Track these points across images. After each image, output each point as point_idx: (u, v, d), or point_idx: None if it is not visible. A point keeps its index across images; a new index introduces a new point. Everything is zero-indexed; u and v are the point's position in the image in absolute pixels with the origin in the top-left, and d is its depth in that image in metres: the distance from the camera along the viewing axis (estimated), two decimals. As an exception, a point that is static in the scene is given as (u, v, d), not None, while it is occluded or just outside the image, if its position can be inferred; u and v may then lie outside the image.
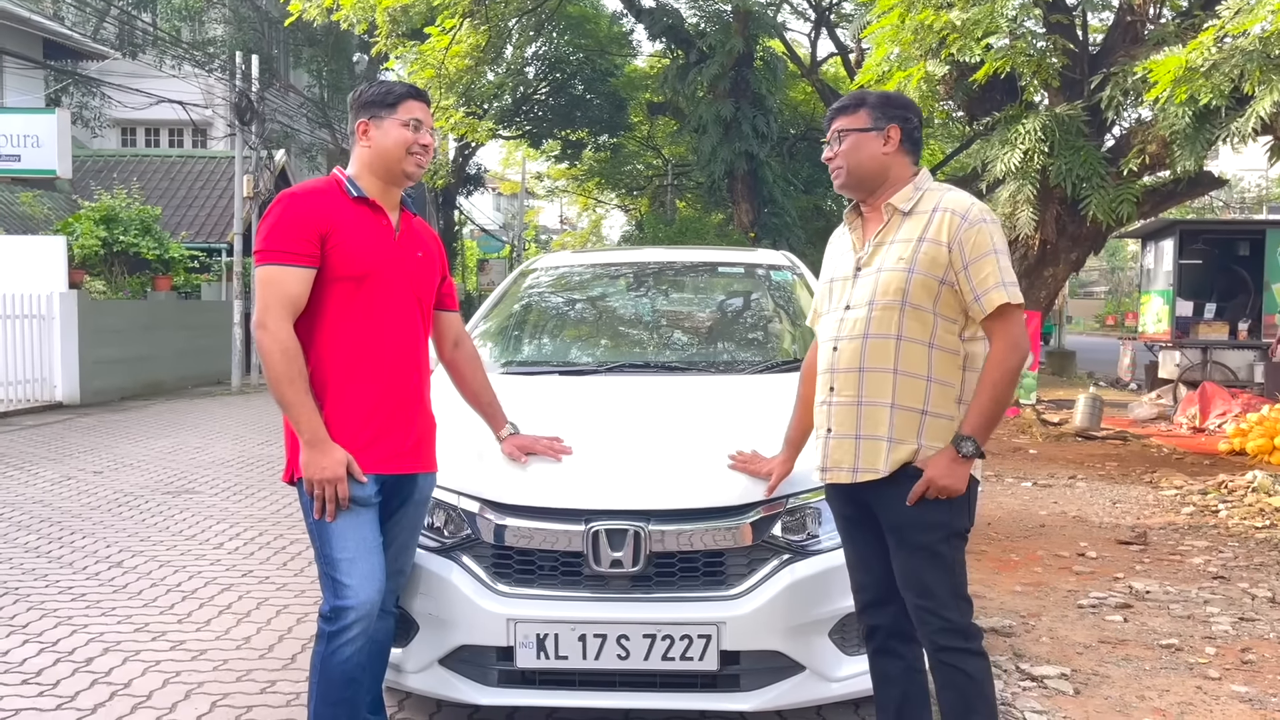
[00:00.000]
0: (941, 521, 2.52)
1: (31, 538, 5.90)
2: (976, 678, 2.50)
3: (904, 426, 2.54)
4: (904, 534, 2.55)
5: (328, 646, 2.58)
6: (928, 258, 2.52)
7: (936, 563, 2.53)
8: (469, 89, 17.17)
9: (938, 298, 2.53)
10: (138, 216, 15.04)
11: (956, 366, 2.56)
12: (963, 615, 2.53)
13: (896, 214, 2.61)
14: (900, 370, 2.54)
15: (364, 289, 2.65)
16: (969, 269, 2.50)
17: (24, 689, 3.67)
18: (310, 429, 2.55)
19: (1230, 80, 6.25)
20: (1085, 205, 8.60)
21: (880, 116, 2.61)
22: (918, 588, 2.54)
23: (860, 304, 2.61)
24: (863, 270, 2.64)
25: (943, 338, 2.54)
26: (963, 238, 2.50)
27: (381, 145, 2.69)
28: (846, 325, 2.63)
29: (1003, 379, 2.49)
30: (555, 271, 4.99)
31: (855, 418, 2.58)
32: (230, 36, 23.07)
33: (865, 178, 2.64)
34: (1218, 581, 5.12)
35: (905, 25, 7.44)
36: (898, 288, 2.54)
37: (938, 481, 2.48)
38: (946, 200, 2.57)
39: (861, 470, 2.58)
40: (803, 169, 25.52)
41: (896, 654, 2.71)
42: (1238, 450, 9.31)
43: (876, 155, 2.61)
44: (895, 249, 2.58)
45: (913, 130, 2.63)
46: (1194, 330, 13.75)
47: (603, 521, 2.85)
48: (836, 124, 2.66)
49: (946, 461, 2.49)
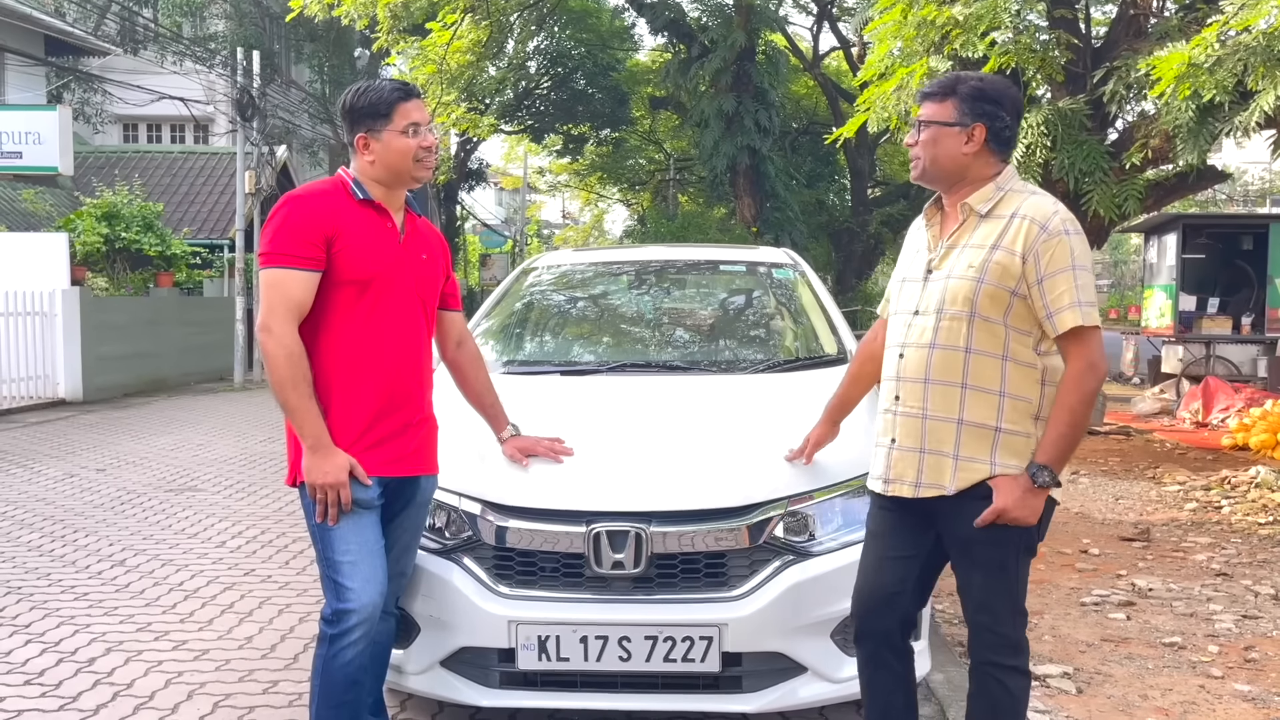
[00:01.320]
0: (1013, 539, 2.42)
1: (34, 536, 5.90)
2: (1015, 695, 2.45)
3: (973, 444, 2.41)
4: (972, 549, 2.45)
5: (330, 649, 2.58)
6: (999, 267, 2.37)
7: (1002, 579, 2.44)
8: (471, 84, 17.13)
9: (1009, 309, 2.38)
10: (140, 213, 15.04)
11: (1034, 381, 2.42)
12: (1018, 630, 2.46)
13: (973, 215, 2.46)
14: (970, 385, 2.41)
15: (369, 293, 2.64)
16: (1043, 284, 2.35)
17: (27, 690, 3.67)
18: (313, 434, 2.54)
19: (1234, 76, 6.23)
20: (1088, 200, 8.56)
21: (967, 112, 2.42)
22: (979, 602, 2.46)
23: (929, 310, 2.47)
24: (933, 273, 2.49)
25: (1016, 351, 2.40)
26: (1040, 249, 2.35)
27: (385, 159, 2.64)
28: (914, 332, 2.50)
29: (1079, 403, 2.36)
30: (557, 270, 4.98)
31: (920, 431, 2.46)
32: (231, 32, 23.07)
33: (942, 175, 2.48)
34: (1221, 578, 5.11)
35: (908, 21, 7.41)
36: (966, 297, 2.40)
37: (1010, 513, 2.36)
38: (1027, 206, 2.40)
39: (925, 485, 2.46)
40: (805, 163, 25.49)
41: (887, 666, 2.63)
42: (1241, 445, 9.29)
43: (956, 154, 2.44)
44: (967, 254, 2.43)
45: (1002, 129, 2.44)
46: (1197, 325, 13.71)
47: (604, 523, 2.84)
48: (922, 110, 2.48)
49: (1020, 493, 2.36)
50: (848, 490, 3.00)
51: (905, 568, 2.58)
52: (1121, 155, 8.66)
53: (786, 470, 3.01)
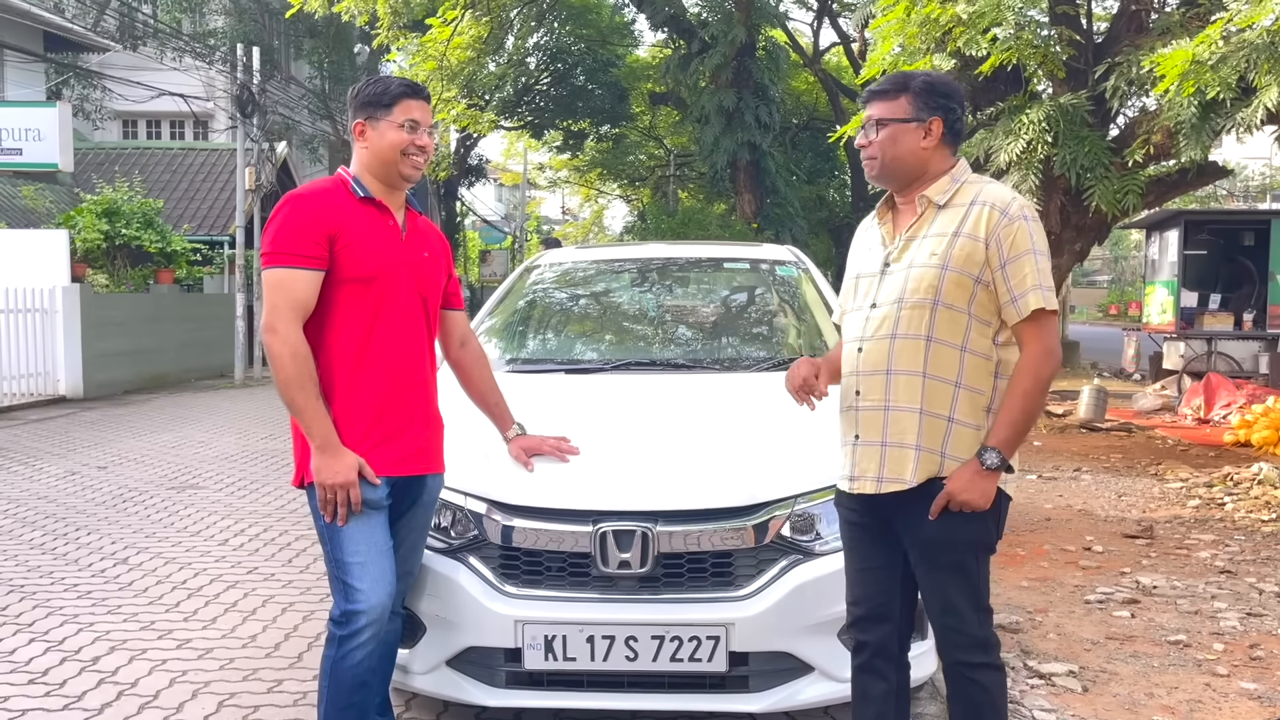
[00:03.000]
0: (969, 539, 2.41)
1: (37, 534, 5.90)
2: (990, 690, 2.45)
3: (932, 434, 2.40)
4: (929, 551, 2.44)
5: (338, 650, 2.57)
6: (963, 253, 2.38)
7: (962, 579, 2.43)
8: (470, 80, 17.13)
9: (973, 297, 2.38)
10: (140, 209, 15.03)
11: (988, 373, 2.41)
12: (984, 628, 2.46)
13: (931, 206, 2.46)
14: (929, 374, 2.40)
15: (372, 290, 2.63)
16: (1006, 268, 2.36)
17: (31, 689, 3.67)
18: (321, 434, 2.53)
19: (1238, 72, 6.21)
20: (1089, 195, 8.54)
21: (923, 107, 2.42)
22: (942, 604, 2.45)
23: (888, 302, 2.46)
24: (892, 266, 2.48)
25: (976, 341, 2.40)
26: (1001, 234, 2.36)
27: (377, 148, 2.66)
28: (872, 325, 2.48)
29: (1034, 387, 2.36)
30: (559, 268, 4.98)
31: (882, 424, 2.45)
32: (231, 28, 23.05)
33: (901, 172, 2.47)
34: (1225, 576, 5.10)
35: (910, 19, 7.39)
36: (930, 285, 2.39)
37: (959, 496, 2.35)
38: (986, 193, 2.42)
39: (887, 480, 2.45)
40: (805, 159, 25.48)
41: (881, 674, 2.60)
42: (1243, 442, 9.29)
43: (915, 149, 2.44)
44: (928, 244, 2.43)
45: (955, 121, 2.45)
46: (1199, 321, 13.71)
47: (611, 522, 2.83)
48: (873, 110, 2.47)
49: (970, 474, 2.36)
50: (854, 489, 2.99)
51: (886, 577, 2.57)
52: (1123, 151, 8.64)
53: (792, 469, 3.00)
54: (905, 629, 2.64)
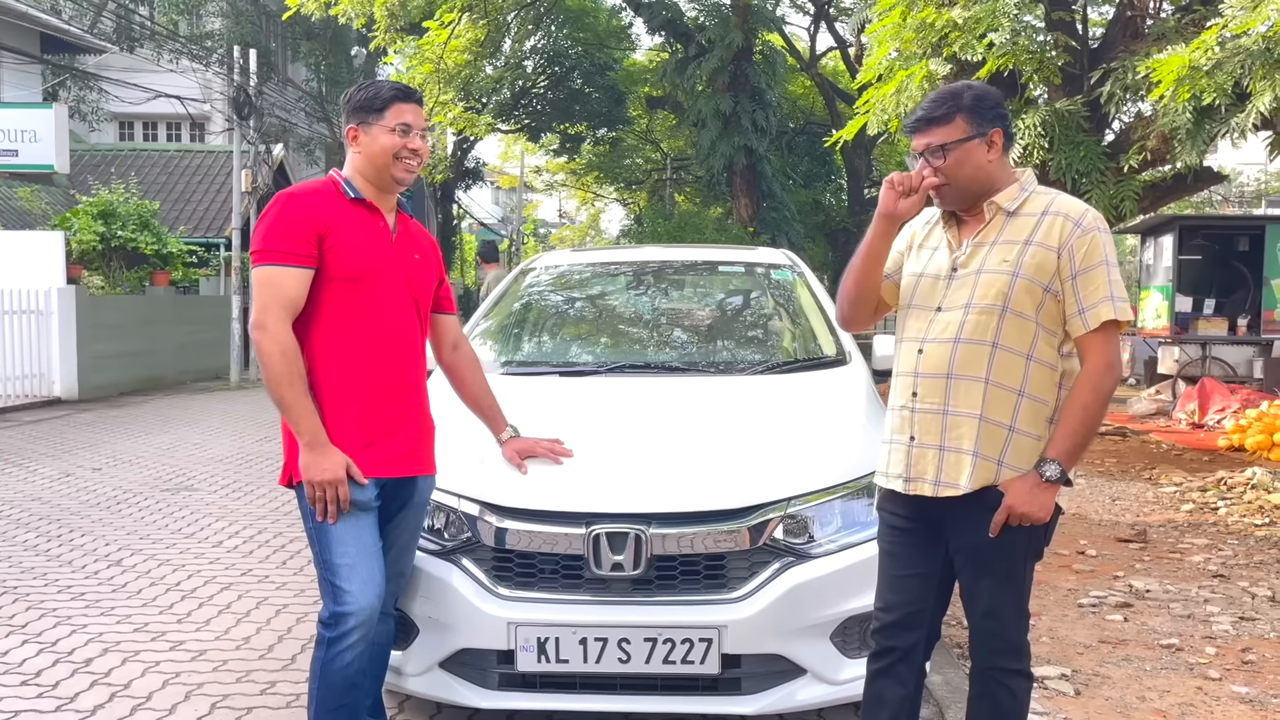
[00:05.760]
0: (1021, 544, 2.40)
1: (30, 536, 5.89)
2: (1019, 698, 2.46)
3: (990, 442, 2.37)
4: (980, 556, 2.43)
5: (328, 652, 2.57)
6: (1035, 262, 2.35)
7: (1011, 585, 2.43)
8: (468, 83, 17.16)
9: (1040, 306, 2.36)
10: (136, 211, 15.01)
11: (1053, 383, 2.40)
12: (1022, 633, 2.46)
13: (1000, 213, 2.42)
14: (992, 380, 2.37)
15: (360, 289, 2.64)
16: (1078, 279, 2.34)
17: (23, 690, 3.66)
18: (310, 431, 2.54)
19: (1233, 78, 6.24)
20: (1085, 200, 8.59)
21: (980, 121, 2.37)
22: (986, 608, 2.45)
23: (955, 306, 2.42)
24: (959, 271, 2.44)
25: (1043, 350, 2.38)
26: (1075, 245, 2.34)
27: (370, 152, 2.67)
28: (937, 327, 2.44)
29: (1095, 401, 2.33)
30: (555, 271, 4.98)
31: (940, 427, 2.42)
32: (228, 30, 23.04)
33: (975, 191, 2.42)
34: (1218, 580, 5.11)
35: (907, 24, 7.42)
36: (999, 291, 2.37)
37: (1018, 509, 2.33)
38: (1058, 204, 2.40)
39: (943, 484, 2.42)
40: (802, 163, 25.51)
41: (901, 680, 2.58)
42: (1237, 446, 9.31)
43: (983, 165, 2.39)
44: (998, 250, 2.40)
45: (1009, 126, 2.42)
46: (1193, 326, 13.72)
47: (604, 524, 2.84)
48: (929, 137, 2.39)
49: (1029, 487, 2.34)
50: (847, 492, 3.00)
51: (922, 585, 2.54)
52: (1119, 156, 8.66)
53: (786, 472, 3.01)
54: (932, 637, 2.64)
